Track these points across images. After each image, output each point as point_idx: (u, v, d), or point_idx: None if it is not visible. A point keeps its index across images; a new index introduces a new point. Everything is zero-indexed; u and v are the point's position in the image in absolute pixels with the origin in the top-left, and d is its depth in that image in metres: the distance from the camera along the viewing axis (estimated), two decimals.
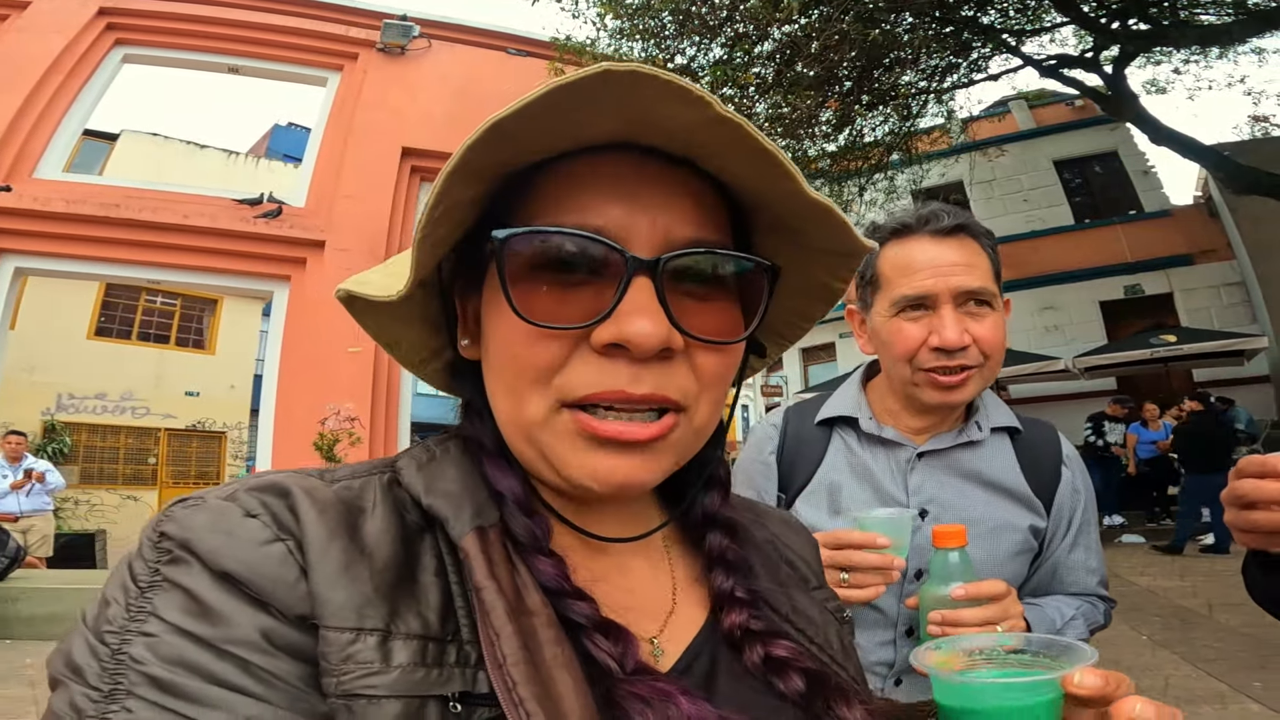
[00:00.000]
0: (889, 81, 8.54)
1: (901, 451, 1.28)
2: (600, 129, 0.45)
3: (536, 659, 0.41)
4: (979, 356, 1.18)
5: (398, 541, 0.45)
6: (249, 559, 0.41)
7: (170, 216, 7.80)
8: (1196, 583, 7.02)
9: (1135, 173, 15.55)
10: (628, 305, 0.45)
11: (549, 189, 0.49)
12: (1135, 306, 14.53)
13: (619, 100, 0.42)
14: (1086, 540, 1.29)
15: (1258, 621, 5.40)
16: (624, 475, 0.48)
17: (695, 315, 0.48)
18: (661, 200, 0.48)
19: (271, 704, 0.38)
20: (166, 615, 0.39)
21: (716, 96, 0.42)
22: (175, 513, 0.43)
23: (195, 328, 18.00)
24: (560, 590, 0.47)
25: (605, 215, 0.47)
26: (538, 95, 0.40)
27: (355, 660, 0.39)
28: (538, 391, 0.48)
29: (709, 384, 0.50)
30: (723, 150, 0.46)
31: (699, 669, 0.52)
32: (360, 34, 9.27)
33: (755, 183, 0.49)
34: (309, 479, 0.47)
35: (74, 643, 0.40)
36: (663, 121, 0.44)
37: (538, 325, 0.46)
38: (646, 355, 0.45)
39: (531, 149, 0.47)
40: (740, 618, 0.54)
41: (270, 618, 0.40)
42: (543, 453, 0.49)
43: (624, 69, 0.39)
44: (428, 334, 0.59)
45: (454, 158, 0.43)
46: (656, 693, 0.44)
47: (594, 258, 0.46)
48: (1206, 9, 9.76)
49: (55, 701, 0.39)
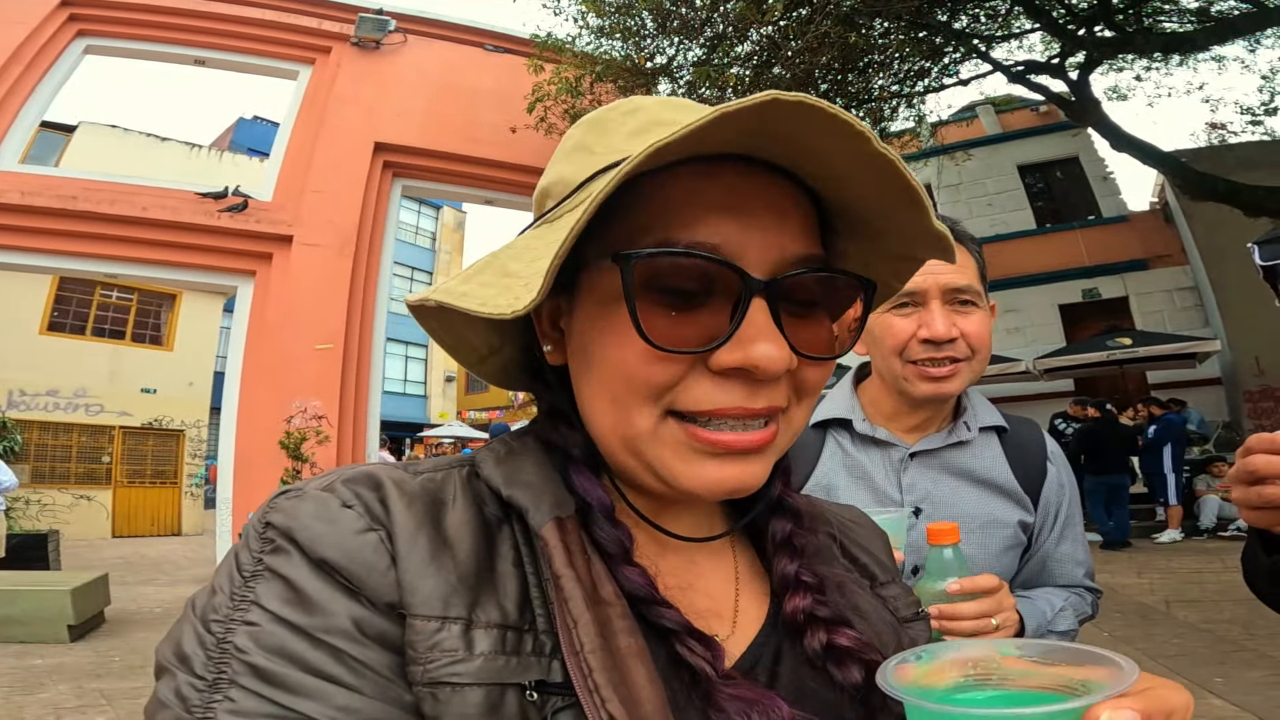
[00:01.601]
0: (863, 85, 8.65)
1: (894, 451, 1.30)
2: (721, 140, 0.44)
3: (611, 647, 0.42)
4: (966, 350, 1.21)
5: (478, 533, 0.46)
6: (346, 547, 0.42)
7: (129, 209, 7.59)
8: (1154, 580, 7.23)
9: (1095, 178, 16.00)
10: (749, 329, 0.45)
11: (659, 201, 0.48)
12: (1092, 310, 14.95)
13: (779, 128, 0.42)
14: (1072, 534, 1.33)
15: (1214, 617, 5.61)
16: (735, 482, 0.49)
17: (802, 332, 0.49)
18: (773, 216, 0.48)
19: (363, 693, 0.39)
20: (268, 604, 0.41)
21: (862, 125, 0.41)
22: (280, 503, 0.45)
23: (153, 323, 17.55)
24: (650, 599, 0.47)
25: (721, 232, 0.46)
26: (708, 121, 0.39)
27: (441, 649, 0.40)
28: (648, 406, 0.48)
29: (808, 392, 0.52)
30: (863, 181, 0.46)
31: (762, 667, 0.52)
32: (334, 27, 9.11)
33: (879, 206, 0.49)
34: (397, 472, 0.48)
35: (183, 631, 0.42)
36: (817, 153, 0.45)
37: (664, 350, 0.46)
38: (770, 379, 0.47)
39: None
40: (804, 602, 0.55)
41: (362, 607, 0.41)
42: (649, 464, 0.49)
43: (792, 99, 0.39)
44: (490, 334, 0.58)
45: (609, 182, 0.41)
46: (759, 695, 0.45)
47: (713, 278, 0.46)
48: (1170, 17, 10.08)
49: (161, 689, 0.40)
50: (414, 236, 29.19)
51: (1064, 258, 15.17)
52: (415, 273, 28.79)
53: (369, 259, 8.59)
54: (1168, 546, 9.16)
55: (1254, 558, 1.04)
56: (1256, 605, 1.12)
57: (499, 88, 9.17)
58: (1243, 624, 5.30)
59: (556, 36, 8.50)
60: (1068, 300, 15.13)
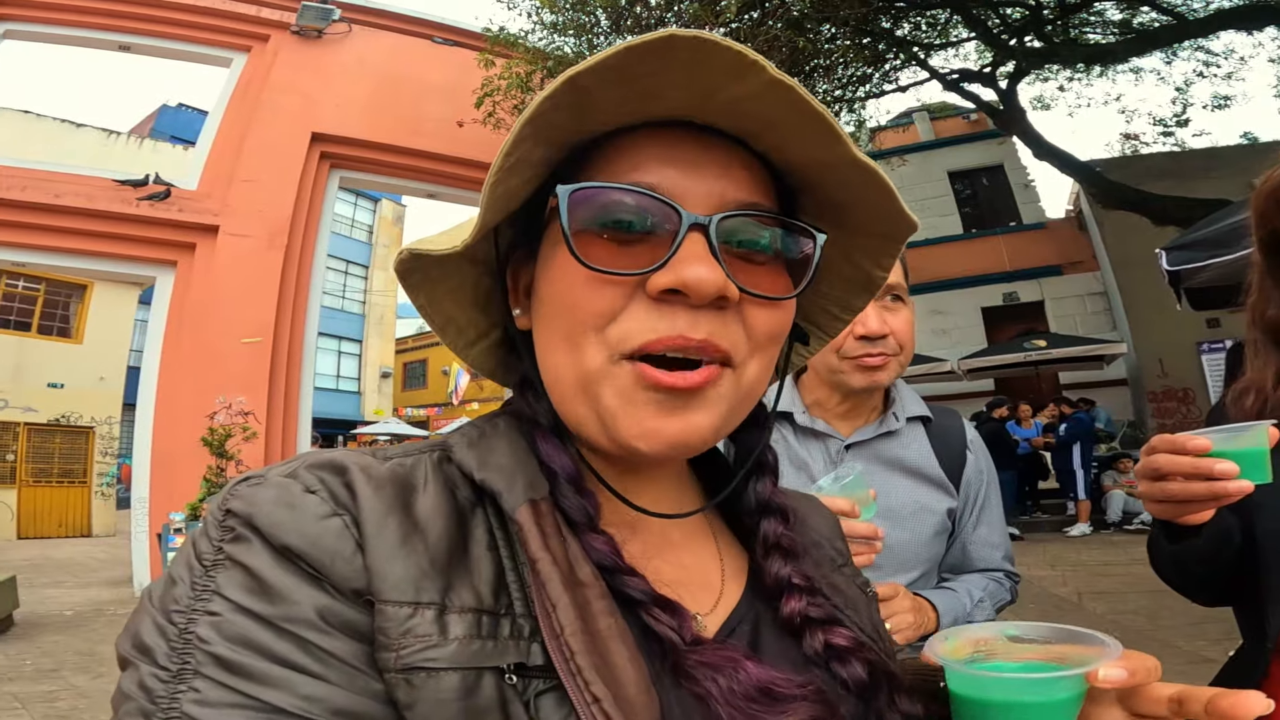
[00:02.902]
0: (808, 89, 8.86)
1: (832, 443, 1.40)
2: (664, 103, 0.48)
3: (591, 629, 0.42)
4: (896, 346, 1.33)
5: (450, 517, 0.46)
6: (308, 532, 0.41)
7: (39, 195, 7.17)
8: (1065, 572, 7.60)
9: (1017, 185, 16.78)
10: (684, 254, 0.47)
11: (610, 156, 0.51)
12: (1011, 313, 15.68)
13: (684, 63, 0.44)
14: (989, 518, 1.44)
15: (1121, 608, 5.95)
16: (677, 434, 0.49)
17: (747, 273, 0.50)
18: (717, 167, 0.50)
19: (329, 682, 0.39)
20: (229, 594, 0.40)
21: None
22: (240, 490, 0.44)
23: (61, 314, 16.57)
24: (615, 567, 0.48)
25: (661, 175, 0.49)
26: (612, 53, 0.42)
27: (414, 634, 0.40)
28: (594, 340, 0.49)
29: (760, 343, 0.52)
30: (776, 117, 0.48)
31: (740, 637, 0.53)
32: (273, 15, 8.79)
33: (806, 149, 0.50)
34: (364, 457, 0.47)
35: (142, 623, 0.41)
36: (722, 93, 0.46)
37: (597, 270, 0.47)
38: (704, 300, 0.47)
39: (599, 118, 0.49)
40: (799, 604, 0.55)
41: (326, 595, 0.41)
42: (597, 410, 0.49)
43: (688, 34, 0.41)
44: (477, 313, 0.59)
45: (530, 107, 0.44)
46: (724, 659, 0.46)
47: (650, 213, 0.48)
48: (1095, 28, 10.66)
49: (125, 682, 0.40)
50: (350, 230, 28.32)
51: (987, 262, 15.85)
52: (350, 266, 27.95)
53: (302, 251, 8.33)
54: (1078, 540, 9.64)
55: (1158, 546, 1.15)
56: (1161, 596, 1.23)
57: (446, 81, 9.02)
58: (1148, 614, 5.63)
59: (509, 31, 8.41)
60: (989, 303, 15.81)
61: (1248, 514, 1.07)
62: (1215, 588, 1.16)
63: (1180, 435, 0.96)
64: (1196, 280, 4.97)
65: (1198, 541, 1.06)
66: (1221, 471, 0.91)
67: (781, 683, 0.46)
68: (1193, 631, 4.98)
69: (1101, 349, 12.48)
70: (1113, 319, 14.78)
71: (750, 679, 0.45)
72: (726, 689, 0.45)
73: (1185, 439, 0.95)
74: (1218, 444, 0.93)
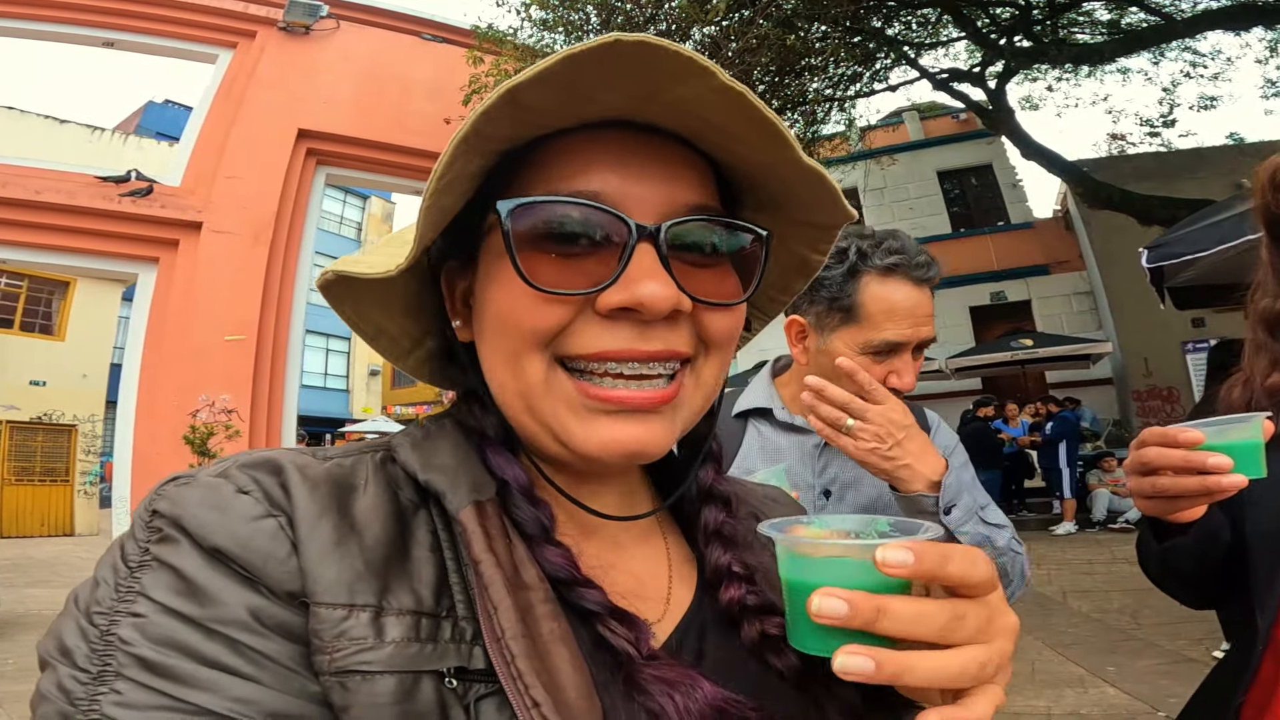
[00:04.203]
0: (799, 87, 8.86)
1: (809, 438, 1.38)
2: (602, 105, 0.45)
3: (534, 633, 0.42)
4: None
5: (390, 518, 0.45)
6: (240, 534, 0.40)
7: (21, 192, 7.07)
8: (1050, 571, 7.67)
9: (1005, 185, 16.87)
10: (634, 271, 0.45)
11: (548, 162, 0.48)
12: (999, 312, 15.77)
13: (628, 70, 0.42)
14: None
15: (1105, 607, 6.00)
16: (634, 443, 0.47)
17: (697, 280, 0.48)
18: (661, 170, 0.48)
19: (262, 684, 0.38)
20: (155, 595, 0.39)
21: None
22: (168, 491, 0.43)
23: (43, 311, 16.40)
24: (571, 579, 0.47)
25: (604, 182, 0.47)
26: (554, 62, 0.40)
27: (348, 637, 0.39)
28: (539, 356, 0.47)
29: (716, 345, 0.51)
30: (724, 121, 0.46)
31: (688, 647, 0.52)
32: (260, 11, 8.68)
33: (753, 153, 0.49)
34: (302, 456, 0.46)
35: (64, 625, 0.40)
36: (666, 94, 0.44)
37: (545, 291, 0.45)
38: (657, 318, 0.46)
39: (536, 123, 0.47)
40: (738, 592, 0.55)
41: (260, 596, 0.40)
42: (545, 423, 0.48)
43: (633, 38, 0.39)
44: (409, 322, 0.57)
45: (466, 124, 0.42)
46: (680, 676, 0.45)
47: (596, 224, 0.46)
48: (1083, 28, 10.72)
49: (43, 683, 0.39)
50: (338, 226, 28.15)
51: (975, 261, 15.93)
52: None
53: (287, 248, 8.25)
54: (1063, 538, 9.71)
55: (1146, 544, 1.12)
56: (1143, 595, 1.21)
57: (435, 78, 8.94)
58: (1130, 613, 5.68)
59: (498, 28, 8.36)
60: (977, 302, 15.90)
61: (1238, 512, 1.04)
62: (1203, 587, 1.13)
63: (1172, 428, 0.93)
64: (1179, 279, 5.00)
65: (1186, 540, 1.04)
66: (1214, 465, 0.88)
67: (735, 705, 0.46)
68: (1174, 631, 5.03)
69: (1087, 348, 12.58)
70: (1099, 318, 14.89)
71: (705, 698, 0.45)
72: (682, 707, 0.44)
73: (1177, 431, 0.92)
74: (1210, 437, 0.90)
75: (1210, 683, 1.12)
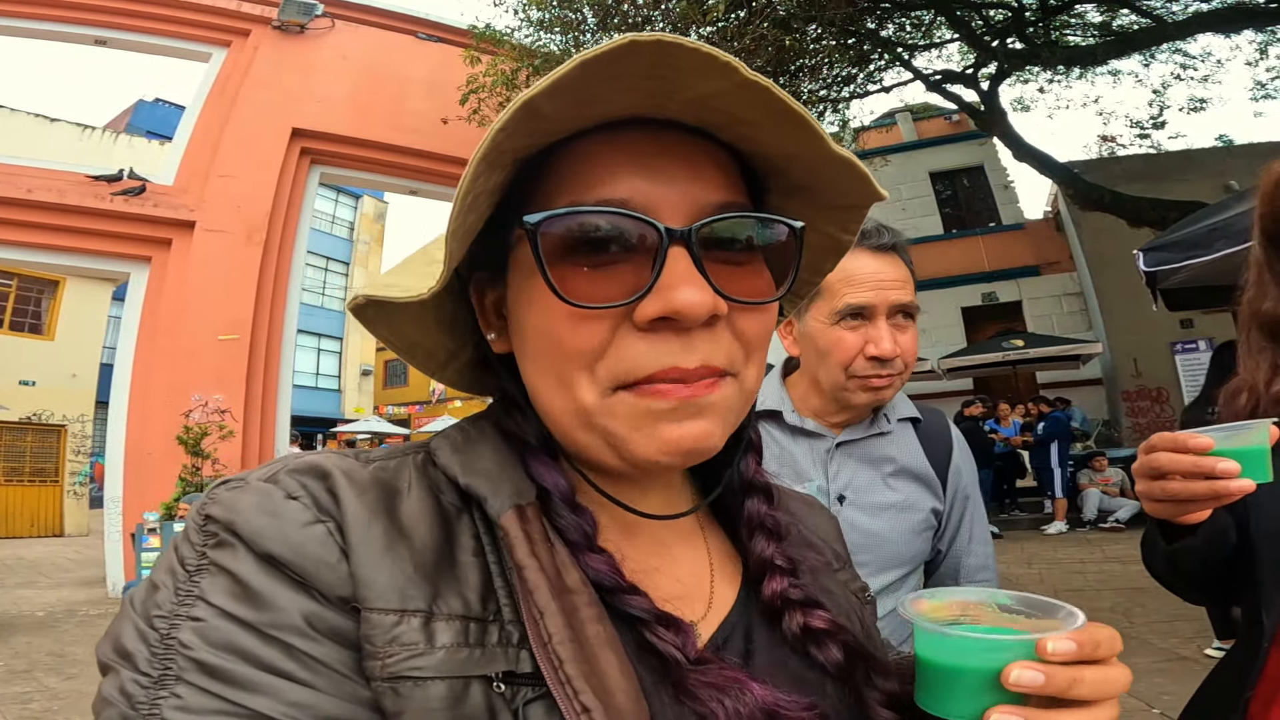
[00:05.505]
0: (793, 89, 8.89)
1: (821, 442, 1.39)
2: (618, 104, 0.45)
3: (580, 637, 0.41)
4: (902, 365, 1.32)
5: (435, 522, 0.45)
6: (292, 540, 0.41)
7: (11, 190, 7.03)
8: (1042, 570, 7.70)
9: (997, 186, 16.98)
10: (669, 277, 0.44)
11: (568, 169, 0.48)
12: (990, 312, 15.87)
13: (647, 72, 0.41)
14: (978, 534, 1.43)
15: (1097, 605, 6.03)
16: (692, 441, 0.47)
17: (731, 280, 0.47)
18: (685, 169, 0.47)
19: (316, 689, 0.38)
20: (214, 599, 0.39)
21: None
22: (219, 495, 0.43)
23: (33, 310, 16.27)
24: (615, 586, 0.46)
25: (630, 188, 0.46)
26: (570, 69, 0.39)
27: (400, 642, 0.39)
28: (586, 378, 0.47)
29: (754, 347, 0.50)
30: (748, 115, 0.45)
31: (734, 645, 0.52)
32: (255, 9, 8.67)
33: (780, 145, 0.48)
34: (346, 460, 0.46)
35: (123, 628, 0.40)
36: (686, 91, 0.43)
37: (581, 306, 0.44)
38: (695, 324, 0.45)
39: (553, 131, 0.46)
40: (781, 585, 0.54)
41: (313, 601, 0.40)
42: (606, 438, 0.48)
43: (649, 38, 0.39)
44: (443, 335, 0.57)
45: (485, 142, 0.42)
46: (729, 680, 0.45)
47: (626, 232, 0.45)
48: (1075, 30, 10.80)
49: (105, 687, 0.39)
50: (331, 226, 28.00)
51: (967, 262, 16.01)
52: (330, 263, 27.62)
53: (281, 247, 8.23)
54: (1054, 537, 9.76)
55: (1154, 545, 1.14)
56: (1134, 594, 1.23)
57: (431, 77, 8.95)
58: (1122, 611, 5.71)
59: (495, 28, 8.35)
60: (969, 303, 15.99)
61: (1243, 513, 1.06)
62: (1209, 586, 1.15)
63: (1181, 433, 0.94)
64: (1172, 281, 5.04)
65: (1194, 541, 1.05)
66: (1223, 470, 0.90)
67: (787, 705, 0.46)
68: (1166, 629, 5.07)
69: (1077, 349, 12.65)
70: (1089, 319, 14.99)
71: (755, 701, 0.45)
72: (732, 711, 0.44)
73: (1187, 437, 0.93)
74: (1219, 442, 0.92)
75: (1216, 678, 1.14)
